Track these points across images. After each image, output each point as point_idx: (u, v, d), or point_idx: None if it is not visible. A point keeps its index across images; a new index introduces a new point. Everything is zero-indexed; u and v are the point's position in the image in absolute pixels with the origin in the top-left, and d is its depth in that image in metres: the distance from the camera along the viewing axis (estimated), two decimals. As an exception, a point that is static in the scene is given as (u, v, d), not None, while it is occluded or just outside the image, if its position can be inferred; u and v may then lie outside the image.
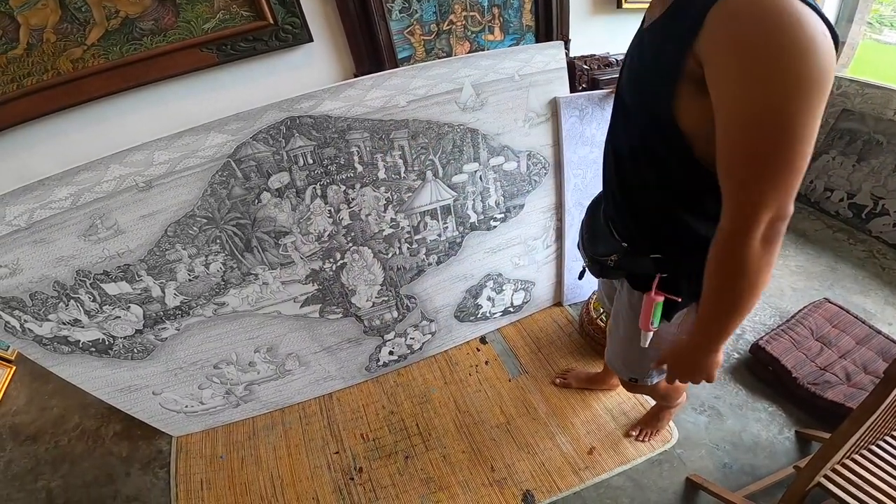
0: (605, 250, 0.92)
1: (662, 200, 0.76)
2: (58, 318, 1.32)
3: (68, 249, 1.22)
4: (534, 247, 1.75)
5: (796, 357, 1.59)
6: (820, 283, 1.91)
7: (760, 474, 1.37)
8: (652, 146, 0.70)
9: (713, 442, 1.48)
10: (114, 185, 1.16)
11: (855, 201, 2.07)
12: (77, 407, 1.87)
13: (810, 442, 1.44)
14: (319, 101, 1.22)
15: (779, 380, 1.58)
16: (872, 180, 1.97)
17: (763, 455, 1.43)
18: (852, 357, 1.58)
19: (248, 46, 1.14)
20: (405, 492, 1.48)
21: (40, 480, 1.65)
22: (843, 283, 1.89)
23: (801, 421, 1.49)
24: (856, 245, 2.04)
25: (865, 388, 1.47)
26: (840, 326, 1.67)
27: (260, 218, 1.32)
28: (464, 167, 1.47)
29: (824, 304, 1.74)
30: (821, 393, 1.47)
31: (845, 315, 1.69)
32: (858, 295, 1.83)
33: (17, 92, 1.02)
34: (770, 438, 1.46)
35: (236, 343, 1.53)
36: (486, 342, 1.89)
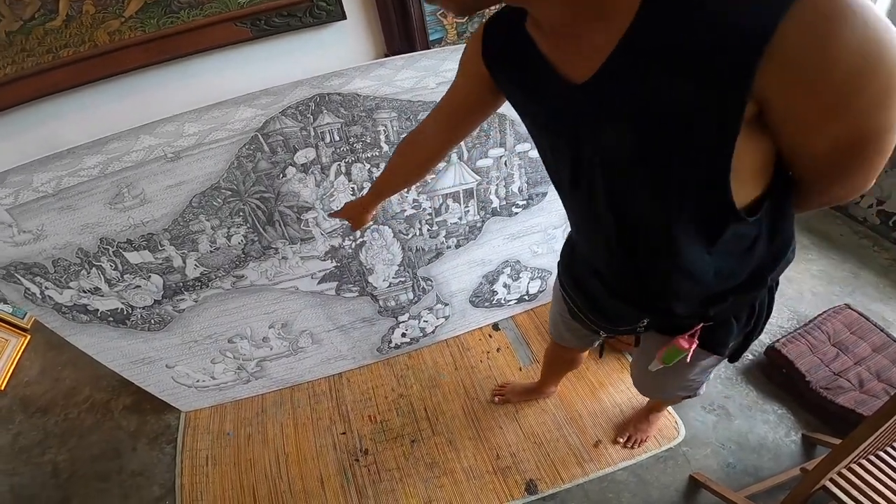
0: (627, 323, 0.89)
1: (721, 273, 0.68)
2: (79, 285, 1.41)
3: (94, 217, 1.30)
4: (553, 235, 1.82)
5: (811, 361, 1.67)
6: (841, 288, 1.98)
7: (763, 476, 1.46)
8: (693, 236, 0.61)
9: (719, 441, 1.57)
10: (143, 154, 1.24)
11: (884, 208, 2.13)
12: (89, 379, 1.97)
13: (815, 446, 1.53)
14: (349, 79, 1.28)
15: (791, 382, 1.66)
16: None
17: (768, 457, 1.52)
18: (867, 364, 1.66)
19: (282, 22, 1.20)
20: (409, 475, 1.58)
21: (47, 454, 1.76)
22: (864, 290, 1.96)
23: (810, 424, 1.58)
24: (880, 253, 2.11)
25: (878, 395, 1.55)
26: (858, 333, 1.75)
27: (284, 192, 1.39)
28: (489, 152, 1.53)
29: (844, 309, 1.82)
30: (832, 398, 1.56)
31: (864, 322, 1.77)
32: (878, 303, 1.91)
33: (53, 63, 1.09)
34: (776, 440, 1.56)
35: (251, 317, 1.62)
36: (498, 329, 1.98)
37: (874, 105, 0.44)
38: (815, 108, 0.45)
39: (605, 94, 0.53)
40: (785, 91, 0.44)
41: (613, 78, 0.52)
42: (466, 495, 1.51)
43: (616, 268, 0.78)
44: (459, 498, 1.51)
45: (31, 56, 1.06)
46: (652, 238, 0.65)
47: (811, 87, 0.44)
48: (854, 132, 0.47)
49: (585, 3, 0.49)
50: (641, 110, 0.51)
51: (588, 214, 0.73)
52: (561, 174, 0.72)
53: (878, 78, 0.42)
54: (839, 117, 0.45)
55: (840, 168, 0.52)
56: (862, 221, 2.22)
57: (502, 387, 1.77)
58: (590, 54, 0.52)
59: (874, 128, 0.46)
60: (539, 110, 0.67)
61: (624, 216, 0.65)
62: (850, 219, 2.25)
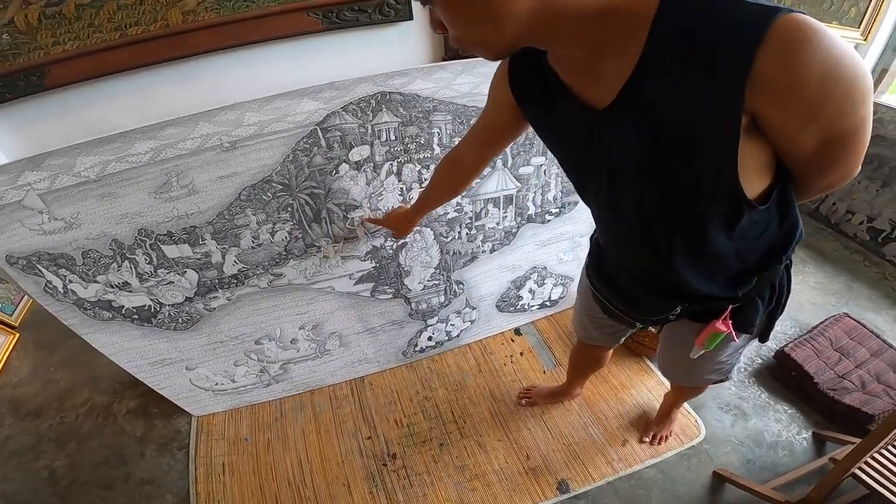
0: (662, 312, 0.95)
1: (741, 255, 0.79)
2: (107, 279, 1.37)
3: (136, 206, 1.27)
4: (579, 243, 1.90)
5: (817, 364, 1.82)
6: (837, 299, 2.17)
7: (781, 471, 1.58)
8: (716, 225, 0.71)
9: (738, 439, 1.68)
10: (198, 142, 1.22)
11: (874, 225, 2.34)
12: (86, 381, 1.88)
13: (825, 442, 1.67)
14: (412, 79, 1.31)
15: (799, 384, 1.81)
16: (893, 206, 2.25)
17: (783, 453, 1.64)
18: (867, 367, 1.82)
19: (352, 17, 1.23)
20: (440, 479, 1.60)
21: (41, 459, 1.66)
22: (857, 301, 2.16)
23: (818, 423, 1.72)
24: (871, 267, 2.32)
25: (879, 395, 1.71)
26: (857, 339, 1.92)
27: (334, 189, 1.40)
28: (532, 160, 1.59)
29: (844, 318, 2.00)
30: (839, 398, 1.71)
31: (862, 329, 1.95)
32: (871, 313, 2.10)
33: (120, 41, 1.07)
34: (789, 438, 1.68)
35: (283, 318, 1.61)
36: (520, 333, 2.04)
37: (841, 111, 0.55)
38: (794, 118, 0.56)
39: (626, 115, 0.63)
40: (769, 108, 0.55)
41: (631, 101, 0.62)
42: (499, 497, 1.55)
43: (648, 265, 0.88)
44: (492, 499, 1.54)
45: (98, 32, 1.04)
46: (680, 233, 0.75)
47: (788, 101, 0.54)
48: (830, 134, 0.58)
49: (601, 42, 0.60)
50: (658, 126, 0.62)
51: (618, 223, 0.84)
52: (588, 189, 0.84)
53: (839, 88, 0.53)
54: (814, 123, 0.56)
55: (826, 163, 0.63)
56: (853, 237, 2.44)
57: (528, 390, 1.82)
58: (607, 82, 0.62)
59: (845, 129, 0.57)
60: (563, 134, 0.78)
61: (652, 219, 0.76)
62: (842, 235, 2.47)
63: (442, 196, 1.27)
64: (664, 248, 0.79)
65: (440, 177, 1.18)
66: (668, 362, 1.25)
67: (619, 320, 1.14)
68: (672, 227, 0.76)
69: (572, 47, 0.63)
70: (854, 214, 2.42)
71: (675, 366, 1.24)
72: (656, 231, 0.78)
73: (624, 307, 1.04)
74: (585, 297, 1.25)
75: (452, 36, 0.63)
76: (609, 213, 0.85)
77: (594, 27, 0.59)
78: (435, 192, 1.23)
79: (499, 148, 1.07)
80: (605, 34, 0.59)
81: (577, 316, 1.37)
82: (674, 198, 0.70)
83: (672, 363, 1.23)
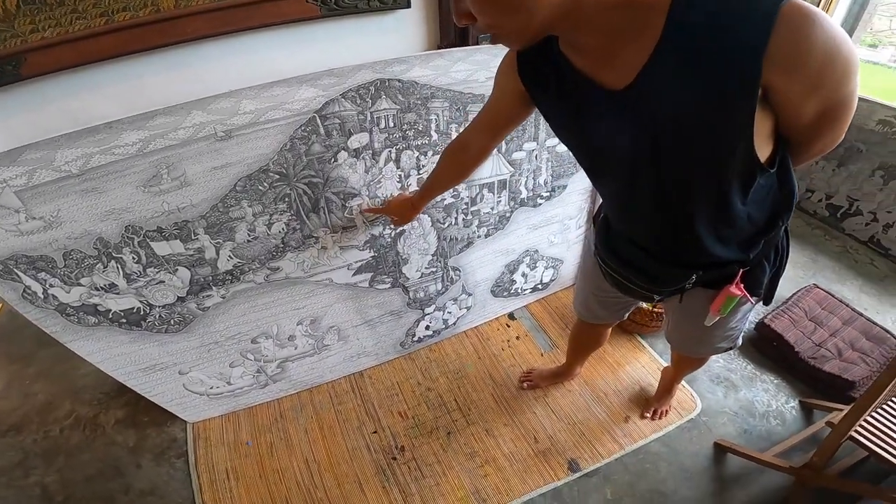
0: (680, 282, 0.96)
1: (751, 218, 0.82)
2: (91, 282, 1.25)
3: (122, 201, 1.16)
4: (568, 226, 1.89)
5: (796, 334, 1.88)
6: (804, 272, 2.24)
7: (776, 439, 1.61)
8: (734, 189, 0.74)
9: (732, 410, 1.71)
10: (191, 132, 1.13)
11: (832, 202, 2.44)
12: (67, 393, 1.74)
13: (812, 410, 1.71)
14: (410, 67, 1.26)
15: (781, 354, 1.86)
16: (850, 184, 2.34)
17: (776, 422, 1.68)
18: (841, 335, 1.89)
19: (351, 3, 1.16)
20: (451, 468, 1.56)
21: (32, 475, 1.53)
22: (823, 273, 2.24)
23: (803, 392, 1.77)
24: (831, 241, 2.42)
25: (855, 362, 1.77)
26: (828, 308, 1.99)
27: (333, 178, 1.33)
28: (524, 145, 1.57)
29: (814, 289, 2.06)
30: (819, 366, 1.76)
31: (832, 299, 2.02)
32: (837, 284, 2.18)
33: (105, 27, 0.97)
34: (779, 407, 1.72)
35: (280, 314, 1.53)
36: (514, 318, 2.02)
37: (839, 82, 0.61)
38: (800, 88, 0.61)
39: (645, 97, 0.66)
40: (780, 78, 0.60)
41: (650, 83, 0.65)
42: (512, 480, 1.52)
43: (668, 239, 0.89)
44: (505, 483, 1.51)
45: (82, 18, 0.94)
46: (701, 204, 0.77)
47: (796, 74, 0.60)
48: (828, 102, 0.64)
49: (620, 28, 0.62)
50: (679, 105, 0.65)
51: (636, 203, 0.85)
52: (604, 173, 0.87)
53: (839, 62, 0.59)
54: (817, 93, 0.62)
55: (822, 129, 0.69)
56: (813, 214, 2.54)
57: (529, 373, 1.80)
58: (625, 66, 0.65)
59: (841, 98, 0.64)
60: (578, 119, 0.78)
61: (673, 195, 0.78)
62: (804, 212, 2.56)
63: (448, 181, 1.25)
64: (685, 220, 0.81)
65: (447, 163, 1.16)
66: (682, 334, 1.25)
67: (634, 295, 1.12)
68: (693, 199, 0.77)
69: (592, 34, 0.64)
70: (814, 192, 2.51)
71: (688, 336, 1.23)
72: (677, 205, 0.79)
73: (642, 282, 1.03)
74: (593, 277, 1.23)
75: (481, 25, 0.62)
76: (627, 194, 0.86)
77: (615, 14, 0.61)
78: (441, 177, 1.21)
79: (504, 133, 1.07)
80: (624, 20, 0.61)
81: (582, 297, 1.36)
82: (695, 171, 0.72)
83: (685, 334, 1.23)
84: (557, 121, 0.85)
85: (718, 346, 1.19)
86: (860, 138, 2.25)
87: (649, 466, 1.56)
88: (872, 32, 2.88)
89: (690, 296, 1.02)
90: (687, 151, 0.70)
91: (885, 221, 2.28)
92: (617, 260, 1.05)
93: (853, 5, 2.18)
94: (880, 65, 2.99)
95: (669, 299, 1.09)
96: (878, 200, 2.28)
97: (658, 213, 0.84)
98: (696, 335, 1.17)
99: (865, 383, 1.68)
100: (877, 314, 2.04)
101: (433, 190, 1.26)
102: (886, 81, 2.92)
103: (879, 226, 2.30)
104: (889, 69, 2.99)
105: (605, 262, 1.10)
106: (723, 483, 1.52)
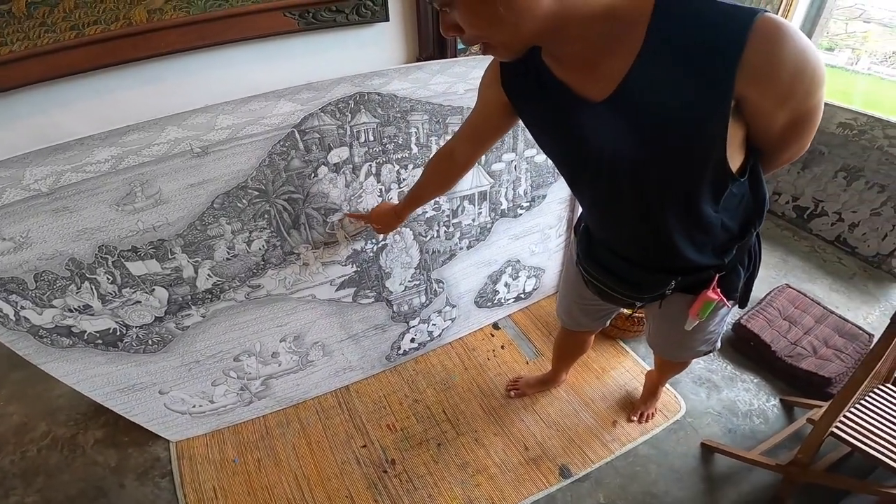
0: (660, 288, 0.95)
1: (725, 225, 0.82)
2: (64, 303, 1.19)
3: (95, 220, 1.10)
4: (548, 235, 1.88)
5: (772, 333, 1.88)
6: (776, 272, 2.26)
7: (760, 437, 1.59)
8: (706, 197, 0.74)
9: (715, 410, 1.70)
10: (165, 148, 1.08)
11: (799, 204, 2.48)
12: (41, 413, 1.64)
13: (793, 408, 1.71)
14: (389, 80, 1.23)
15: (759, 354, 1.85)
16: (814, 185, 2.38)
17: (758, 420, 1.66)
18: (814, 333, 1.90)
19: (329, 17, 1.13)
20: (443, 479, 1.51)
21: (12, 496, 1.44)
22: (794, 273, 2.26)
23: (783, 389, 1.76)
24: (800, 241, 2.45)
25: (830, 359, 1.77)
26: (801, 307, 2.01)
27: (313, 193, 1.29)
28: (503, 156, 1.55)
29: (786, 289, 2.08)
30: (796, 364, 1.76)
31: (804, 298, 2.04)
32: (807, 283, 2.21)
33: (75, 41, 0.92)
34: (760, 406, 1.71)
35: (263, 331, 1.47)
36: (498, 328, 1.98)
37: (808, 93, 0.62)
38: (772, 99, 0.62)
39: (624, 107, 0.66)
40: (753, 90, 0.60)
41: (630, 93, 0.65)
42: (505, 489, 1.47)
43: (647, 247, 0.89)
44: (499, 492, 1.46)
45: (51, 32, 0.89)
46: (676, 212, 0.77)
47: (769, 86, 0.60)
48: (797, 112, 0.64)
49: (603, 40, 0.62)
50: (657, 115, 0.65)
51: (615, 211, 0.85)
52: (583, 181, 0.85)
53: (808, 74, 0.60)
54: (788, 104, 0.63)
55: (790, 138, 0.70)
56: (781, 216, 2.57)
57: (515, 381, 1.76)
58: (606, 77, 0.65)
59: (810, 108, 0.64)
60: (559, 128, 0.78)
61: (650, 202, 0.77)
62: (772, 214, 2.60)
63: (433, 191, 1.21)
64: (662, 227, 0.80)
65: (432, 172, 1.14)
66: (663, 339, 1.23)
67: (616, 302, 1.12)
68: (669, 207, 0.77)
69: (575, 45, 0.64)
70: (780, 195, 2.55)
71: (669, 341, 1.22)
72: (654, 213, 0.79)
73: (623, 290, 1.02)
74: (575, 286, 1.22)
75: (469, 36, 0.62)
76: (606, 202, 0.85)
77: (598, 26, 0.61)
78: (426, 186, 1.18)
79: (489, 144, 1.05)
80: (606, 33, 0.62)
81: (564, 305, 1.35)
82: (671, 179, 0.72)
83: (666, 339, 1.22)
84: (539, 130, 0.85)
85: (699, 349, 1.19)
86: (822, 141, 2.30)
87: (639, 469, 1.53)
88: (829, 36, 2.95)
89: (670, 301, 1.01)
90: (664, 161, 0.70)
91: (850, 221, 2.32)
92: (599, 268, 1.04)
93: (810, 9, 2.23)
94: (838, 68, 3.06)
95: (650, 305, 1.08)
96: (843, 201, 2.32)
97: (636, 222, 0.83)
98: (676, 340, 1.17)
99: (841, 379, 1.68)
100: (847, 311, 2.06)
101: (418, 199, 1.23)
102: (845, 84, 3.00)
103: (845, 225, 2.34)
104: (847, 72, 3.07)
105: (588, 271, 1.09)
106: (713, 482, 1.49)
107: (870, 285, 2.22)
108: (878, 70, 3.00)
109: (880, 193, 2.19)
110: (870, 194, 2.23)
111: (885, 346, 1.10)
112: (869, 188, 2.22)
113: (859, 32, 3.01)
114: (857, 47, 3.05)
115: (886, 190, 2.17)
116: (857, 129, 2.19)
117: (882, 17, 2.88)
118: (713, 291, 0.90)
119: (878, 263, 2.28)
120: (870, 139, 2.17)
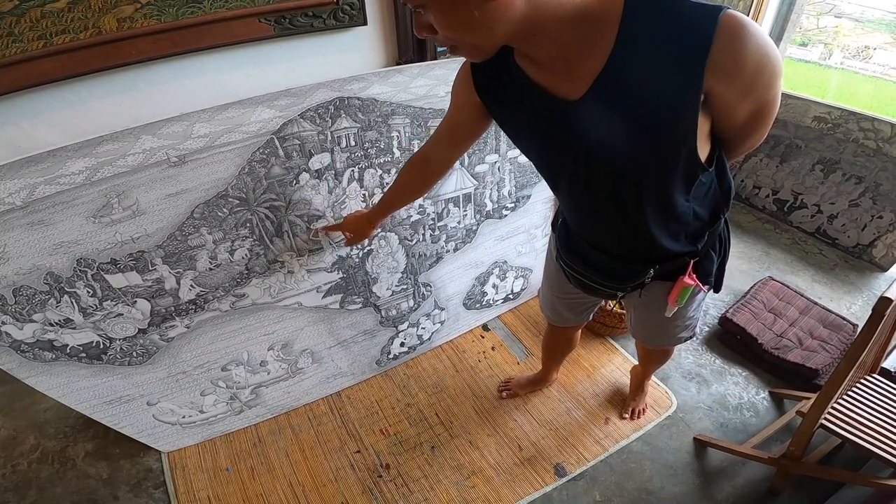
0: (639, 277, 0.95)
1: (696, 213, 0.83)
2: (45, 318, 1.13)
3: (72, 233, 1.05)
4: (534, 235, 1.83)
5: (758, 326, 1.84)
6: (759, 265, 2.23)
7: (752, 430, 1.55)
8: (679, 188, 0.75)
9: (706, 405, 1.65)
10: (141, 158, 1.03)
11: (779, 197, 2.45)
12: (29, 426, 1.58)
13: (783, 400, 1.67)
14: (369, 84, 1.19)
15: (746, 347, 1.81)
16: (793, 178, 2.36)
17: (749, 414, 1.62)
18: (799, 325, 1.86)
19: (306, 22, 1.09)
20: (439, 482, 1.45)
21: None
22: (777, 266, 2.23)
23: (771, 382, 1.72)
24: (781, 234, 2.42)
25: (816, 350, 1.74)
26: (785, 299, 1.97)
27: (295, 200, 1.24)
28: (486, 158, 1.51)
29: (769, 281, 2.04)
30: (783, 356, 1.72)
31: (787, 290, 2.00)
32: (790, 275, 2.17)
33: (43, 51, 0.87)
34: (750, 399, 1.67)
35: (250, 341, 1.41)
36: (488, 329, 1.93)
37: (768, 85, 0.64)
38: (737, 91, 0.63)
39: (599, 104, 0.66)
40: (719, 84, 0.61)
41: (604, 91, 0.65)
42: (501, 490, 1.42)
43: (625, 238, 0.89)
44: (495, 493, 1.41)
45: (18, 42, 0.84)
46: (652, 203, 0.78)
47: (734, 80, 0.61)
48: (758, 103, 0.66)
49: (575, 41, 0.62)
50: (631, 111, 0.65)
51: (594, 206, 0.84)
52: (562, 178, 0.84)
53: (768, 67, 0.61)
54: (750, 96, 0.64)
55: (751, 128, 0.71)
56: (762, 210, 2.54)
57: (507, 382, 1.71)
58: (580, 76, 0.65)
59: (769, 100, 0.66)
60: (535, 128, 0.77)
61: (627, 196, 0.77)
62: (753, 208, 2.57)
63: (407, 197, 1.18)
64: (639, 219, 0.81)
65: (407, 177, 1.09)
66: (645, 327, 1.21)
67: (598, 294, 1.10)
68: (645, 200, 0.77)
69: (548, 47, 0.64)
70: (760, 189, 2.52)
71: (651, 330, 1.21)
72: (631, 206, 0.79)
73: (605, 281, 1.00)
74: (557, 281, 1.19)
75: (442, 38, 0.61)
76: (585, 198, 0.84)
77: (570, 28, 0.61)
78: (400, 193, 1.14)
79: (465, 146, 1.03)
80: (579, 34, 0.61)
81: (548, 302, 1.31)
82: (646, 172, 0.73)
83: (649, 327, 1.20)
84: (514, 131, 0.84)
85: (680, 335, 1.18)
86: (798, 135, 2.27)
87: (634, 466, 1.48)
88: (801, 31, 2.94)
89: (649, 290, 1.00)
90: (640, 155, 0.70)
91: (829, 213, 2.29)
92: (579, 262, 1.02)
93: (782, 5, 2.20)
94: (811, 63, 3.05)
95: (630, 295, 1.05)
96: (821, 193, 2.29)
97: (614, 215, 0.83)
98: (657, 327, 1.16)
99: (828, 370, 1.65)
100: (830, 302, 2.03)
101: (391, 205, 1.18)
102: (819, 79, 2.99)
103: (824, 217, 2.31)
104: (820, 67, 3.06)
105: (568, 266, 1.07)
106: (707, 477, 1.45)
107: (851, 275, 2.19)
108: (851, 64, 3.00)
109: (857, 185, 2.17)
110: (847, 186, 2.20)
111: (868, 336, 1.06)
112: (846, 180, 2.20)
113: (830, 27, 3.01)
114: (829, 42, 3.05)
115: (864, 181, 2.15)
116: (831, 123, 2.17)
117: (852, 11, 2.88)
118: (689, 277, 0.90)
119: (859, 254, 2.25)
120: (844, 132, 2.14)
